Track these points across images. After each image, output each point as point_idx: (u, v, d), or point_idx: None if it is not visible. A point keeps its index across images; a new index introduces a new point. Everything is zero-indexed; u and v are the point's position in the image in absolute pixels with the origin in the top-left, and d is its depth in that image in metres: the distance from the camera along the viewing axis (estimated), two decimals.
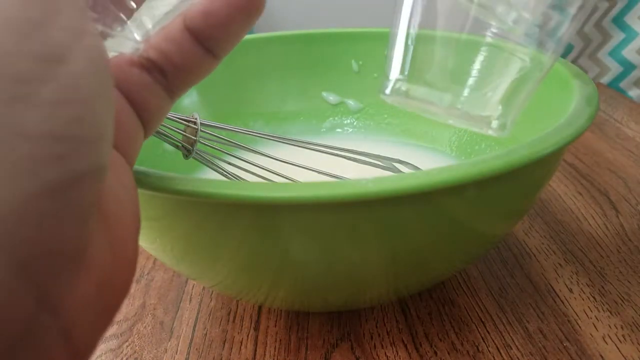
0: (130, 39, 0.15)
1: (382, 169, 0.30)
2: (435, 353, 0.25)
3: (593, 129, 0.49)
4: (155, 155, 0.33)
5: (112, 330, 0.28)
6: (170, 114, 0.25)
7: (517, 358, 0.25)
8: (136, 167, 0.19)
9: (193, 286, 0.31)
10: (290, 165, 0.28)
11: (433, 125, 0.38)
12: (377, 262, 0.21)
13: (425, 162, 0.34)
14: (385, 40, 0.38)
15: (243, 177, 0.28)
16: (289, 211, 0.18)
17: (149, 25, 0.15)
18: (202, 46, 0.15)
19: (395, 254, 0.21)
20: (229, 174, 0.28)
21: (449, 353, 0.25)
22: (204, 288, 0.31)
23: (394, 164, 0.30)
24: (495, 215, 0.23)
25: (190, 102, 0.36)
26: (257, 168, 0.28)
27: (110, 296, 0.12)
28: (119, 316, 0.29)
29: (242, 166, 0.28)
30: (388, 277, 0.23)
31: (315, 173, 0.28)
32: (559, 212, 0.37)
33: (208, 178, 0.20)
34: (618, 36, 0.60)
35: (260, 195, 0.17)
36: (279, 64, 0.39)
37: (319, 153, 0.29)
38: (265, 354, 0.26)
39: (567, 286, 0.29)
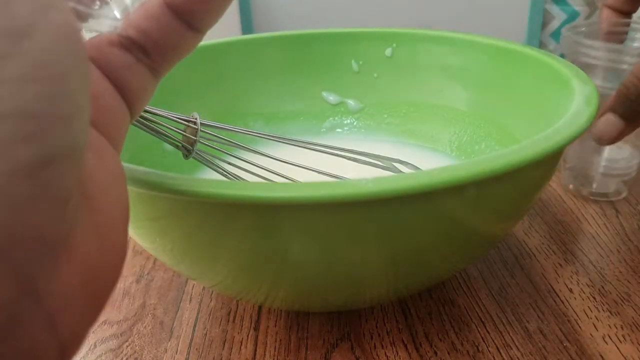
0: (110, 17, 0.14)
1: (382, 169, 0.30)
2: (435, 353, 0.25)
3: None
4: (155, 156, 0.33)
5: (112, 330, 0.28)
6: (170, 114, 0.25)
7: (517, 358, 0.25)
8: (136, 167, 0.19)
9: (193, 286, 0.31)
10: (290, 165, 0.28)
11: (433, 126, 0.38)
12: (377, 262, 0.21)
13: (425, 162, 0.34)
14: (385, 40, 0.38)
15: (243, 177, 0.28)
16: (289, 211, 0.18)
17: (128, 1, 0.15)
18: (182, 21, 0.15)
19: (395, 254, 0.21)
20: (229, 174, 0.28)
21: (449, 353, 0.25)
22: (204, 288, 0.31)
23: (394, 164, 0.30)
24: (495, 215, 0.22)
25: (190, 103, 0.36)
26: (257, 168, 0.28)
27: (97, 285, 0.12)
28: (119, 316, 0.29)
29: (242, 166, 0.28)
30: (388, 277, 0.23)
31: (315, 173, 0.28)
32: (559, 212, 0.37)
33: (208, 178, 0.20)
34: None
35: (260, 195, 0.17)
36: (279, 64, 0.39)
37: (318, 153, 0.29)
38: (265, 354, 0.26)
39: (567, 286, 0.29)
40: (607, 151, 0.37)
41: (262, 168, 0.28)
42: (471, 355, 0.25)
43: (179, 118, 0.26)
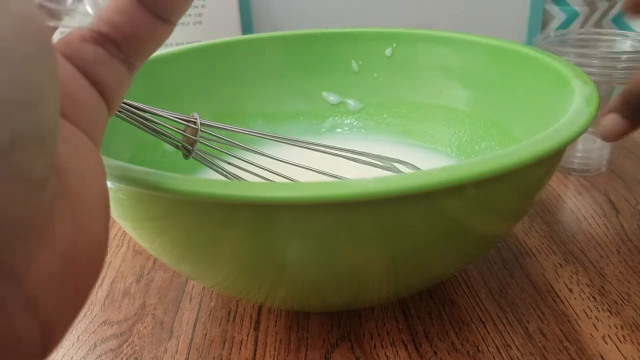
0: (82, 13, 0.15)
1: (382, 169, 0.30)
2: (435, 353, 0.25)
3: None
4: (155, 156, 0.33)
5: (112, 330, 0.28)
6: (170, 114, 0.25)
7: (517, 358, 0.25)
8: (136, 167, 0.19)
9: (193, 286, 0.31)
10: (290, 165, 0.28)
11: (433, 126, 0.38)
12: (377, 262, 0.21)
13: (425, 162, 0.34)
14: (385, 40, 0.38)
15: (243, 177, 0.28)
16: (288, 211, 0.18)
17: None
18: (152, 13, 0.15)
19: (395, 254, 0.21)
20: (229, 174, 0.28)
21: (449, 353, 0.25)
22: (204, 288, 0.31)
23: (394, 164, 0.30)
24: (495, 215, 0.22)
25: (190, 103, 0.36)
26: (257, 168, 0.28)
27: (78, 272, 0.12)
28: (119, 316, 0.29)
29: (242, 166, 0.28)
30: (388, 277, 0.23)
31: (315, 173, 0.28)
32: (559, 212, 0.37)
33: (208, 178, 0.20)
34: None
35: (260, 195, 0.17)
36: (279, 64, 0.39)
37: (319, 153, 0.29)
38: (265, 354, 0.26)
39: (567, 286, 0.29)
40: (582, 144, 0.41)
41: (262, 168, 0.28)
42: (471, 355, 0.25)
43: (178, 118, 0.26)
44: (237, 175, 0.28)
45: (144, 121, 0.25)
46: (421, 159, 0.35)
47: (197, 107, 0.36)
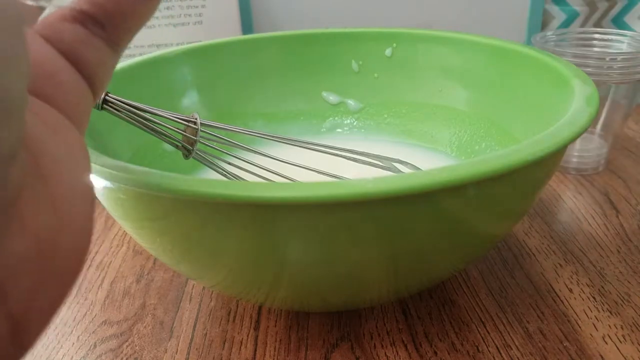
0: None
1: (382, 169, 0.30)
2: (435, 353, 0.25)
3: None
4: (155, 156, 0.33)
5: (112, 330, 0.28)
6: (170, 114, 0.25)
7: (517, 358, 0.25)
8: (136, 167, 0.19)
9: (193, 286, 0.31)
10: (290, 165, 0.28)
11: (433, 126, 0.38)
12: (377, 262, 0.21)
13: (426, 162, 0.34)
14: (385, 40, 0.38)
15: (243, 177, 0.28)
16: (289, 211, 0.18)
17: None
18: None
19: (395, 253, 0.21)
20: (229, 174, 0.28)
21: (449, 353, 0.25)
22: (204, 288, 0.31)
23: (394, 164, 0.30)
24: (495, 215, 0.22)
25: (190, 103, 0.36)
26: (257, 168, 0.28)
27: (56, 262, 0.11)
28: (119, 316, 0.29)
29: (242, 166, 0.28)
30: (388, 277, 0.23)
31: (315, 173, 0.28)
32: (559, 212, 0.37)
33: (208, 178, 0.20)
34: None
35: (260, 195, 0.17)
36: (279, 64, 0.39)
37: (319, 153, 0.29)
38: (265, 354, 0.26)
39: (567, 286, 0.29)
40: (579, 143, 0.41)
41: (262, 168, 0.28)
42: (471, 355, 0.25)
43: (179, 118, 0.26)
44: (237, 175, 0.28)
45: (144, 121, 0.25)
46: (421, 159, 0.35)
47: (197, 107, 0.37)
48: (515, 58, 0.33)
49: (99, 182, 0.20)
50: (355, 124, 0.40)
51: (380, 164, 0.30)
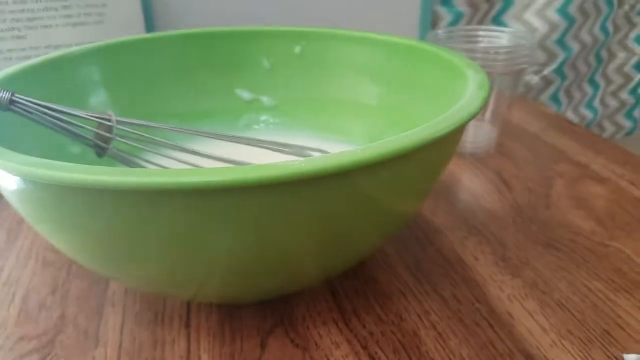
0: None
1: (297, 156, 0.31)
2: (364, 326, 0.27)
3: None
4: (63, 158, 0.31)
5: (31, 345, 0.26)
6: (83, 112, 0.24)
7: (437, 322, 0.27)
8: (53, 161, 0.18)
9: (114, 292, 0.30)
10: (211, 159, 0.28)
11: (346, 120, 0.39)
12: (304, 243, 0.22)
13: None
14: (293, 38, 0.39)
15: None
16: (221, 195, 0.18)
17: None
18: None
19: (320, 233, 0.22)
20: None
21: (376, 325, 0.27)
22: (126, 292, 0.30)
23: (313, 153, 0.31)
24: (405, 193, 0.24)
25: (98, 104, 0.35)
26: (177, 162, 0.28)
27: None
28: (37, 330, 0.27)
29: (160, 163, 0.28)
30: (316, 257, 0.24)
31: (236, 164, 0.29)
32: (460, 191, 0.40)
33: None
34: None
35: (192, 181, 0.17)
36: (189, 62, 0.39)
37: (238, 146, 0.29)
38: (200, 349, 0.26)
39: (473, 255, 0.32)
40: (472, 130, 0.46)
41: (182, 162, 0.28)
42: (396, 325, 0.27)
43: (92, 116, 0.25)
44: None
45: (56, 121, 0.24)
46: (339, 150, 0.36)
47: (105, 109, 0.35)
48: (415, 53, 0.35)
49: (14, 182, 0.19)
50: (271, 120, 0.41)
51: (301, 153, 0.31)
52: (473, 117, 0.23)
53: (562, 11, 0.67)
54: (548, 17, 0.67)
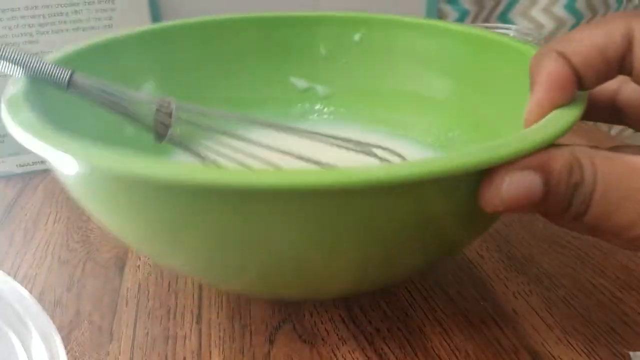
0: None
1: (363, 154, 0.28)
2: (370, 322, 0.27)
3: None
4: (118, 141, 0.29)
5: None
6: (143, 96, 0.24)
7: (443, 319, 0.27)
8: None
9: (128, 289, 0.31)
10: (269, 150, 0.27)
11: (405, 113, 0.37)
12: (349, 255, 0.21)
13: (401, 150, 0.31)
14: (353, 25, 0.35)
15: (220, 161, 0.27)
16: (274, 199, 0.17)
17: None
18: None
19: (364, 249, 0.20)
20: (207, 159, 0.27)
21: (382, 321, 0.27)
22: (139, 290, 0.31)
23: (373, 149, 0.28)
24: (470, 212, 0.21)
25: (151, 90, 0.34)
26: (235, 152, 0.27)
27: None
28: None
29: (220, 150, 0.27)
30: (355, 273, 0.22)
31: (296, 158, 0.27)
32: None
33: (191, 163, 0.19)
34: None
35: (242, 183, 0.16)
36: (241, 48, 0.37)
37: (293, 137, 0.27)
38: (210, 344, 0.26)
39: (478, 253, 0.33)
40: None
41: (240, 152, 0.27)
42: (402, 320, 0.27)
43: (151, 100, 0.25)
44: (214, 160, 0.27)
45: (115, 103, 0.23)
46: (396, 146, 0.32)
47: (156, 94, 0.33)
48: (493, 47, 0.32)
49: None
50: (325, 110, 0.39)
51: (360, 149, 0.28)
52: (569, 130, 0.19)
53: (570, 7, 0.67)
54: (555, 14, 0.67)
